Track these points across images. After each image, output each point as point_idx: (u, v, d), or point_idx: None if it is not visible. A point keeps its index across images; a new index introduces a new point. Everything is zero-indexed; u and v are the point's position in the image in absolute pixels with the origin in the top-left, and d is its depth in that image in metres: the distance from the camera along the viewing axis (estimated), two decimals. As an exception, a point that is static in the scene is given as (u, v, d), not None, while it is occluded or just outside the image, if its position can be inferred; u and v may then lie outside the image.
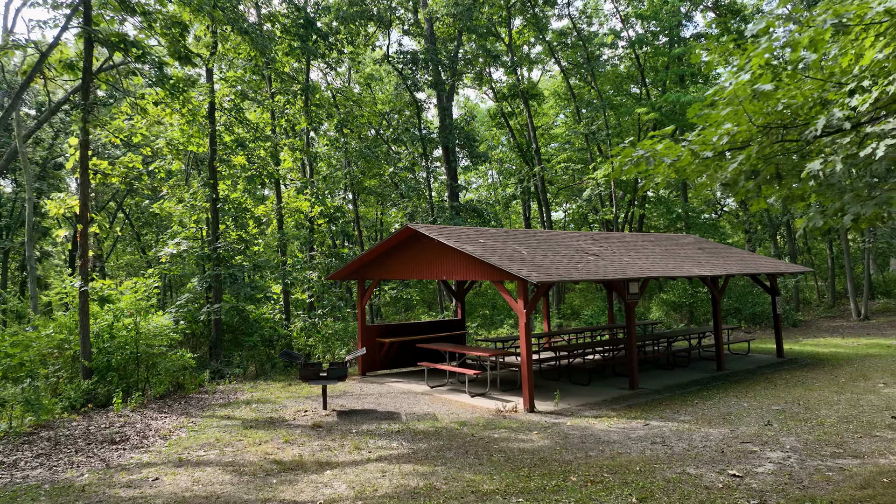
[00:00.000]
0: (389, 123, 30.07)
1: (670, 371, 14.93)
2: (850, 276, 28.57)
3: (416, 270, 13.93)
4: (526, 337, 11.00)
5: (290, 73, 21.97)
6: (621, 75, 33.09)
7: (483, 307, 29.78)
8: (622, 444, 8.43)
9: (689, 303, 28.41)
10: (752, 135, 5.81)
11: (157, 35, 13.24)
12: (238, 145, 17.44)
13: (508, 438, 8.94)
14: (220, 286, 17.30)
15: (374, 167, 25.93)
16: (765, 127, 5.75)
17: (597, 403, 11.51)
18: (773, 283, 16.63)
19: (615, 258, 13.69)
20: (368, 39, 28.66)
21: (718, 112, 5.56)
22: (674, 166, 6.74)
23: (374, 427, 9.98)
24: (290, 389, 13.98)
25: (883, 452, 7.62)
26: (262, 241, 21.19)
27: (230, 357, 17.12)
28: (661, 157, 6.72)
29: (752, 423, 9.47)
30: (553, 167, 34.84)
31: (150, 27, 12.65)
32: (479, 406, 11.53)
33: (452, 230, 13.61)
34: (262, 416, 11.09)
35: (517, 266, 11.03)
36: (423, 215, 26.35)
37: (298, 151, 20.70)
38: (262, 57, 18.59)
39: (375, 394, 13.10)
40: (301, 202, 20.31)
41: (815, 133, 5.17)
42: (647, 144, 6.52)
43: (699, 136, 5.98)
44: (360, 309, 15.71)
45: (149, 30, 12.74)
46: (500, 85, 34.46)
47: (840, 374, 13.90)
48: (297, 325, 18.91)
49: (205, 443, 9.23)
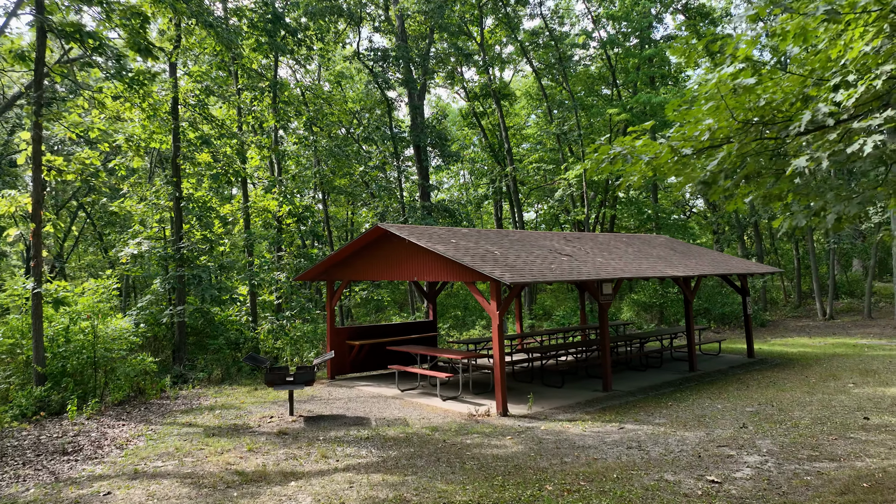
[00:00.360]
0: (360, 122, 29.64)
1: (643, 372, 14.84)
2: (816, 277, 29.01)
3: (386, 271, 13.61)
4: (499, 339, 10.75)
5: (259, 71, 21.44)
6: (593, 76, 33.17)
7: (455, 308, 29.54)
8: (598, 449, 8.22)
9: (659, 303, 28.55)
10: (732, 131, 5.63)
11: (117, 27, 12.70)
12: (203, 142, 16.90)
13: (481, 444, 8.68)
14: (184, 287, 16.74)
15: (345, 166, 25.48)
16: (745, 123, 5.58)
17: (570, 406, 11.32)
18: (744, 283, 16.68)
19: (588, 259, 13.53)
20: (339, 37, 28.21)
21: (700, 107, 5.37)
22: (651, 164, 6.55)
23: (342, 433, 9.63)
24: (257, 394, 13.53)
25: (859, 455, 7.54)
26: (228, 241, 20.63)
27: (194, 361, 16.58)
28: (638, 154, 6.53)
29: (727, 425, 9.36)
30: (525, 167, 34.78)
31: (109, 17, 12.10)
32: (452, 410, 11.25)
33: (424, 230, 13.32)
34: (225, 423, 10.66)
35: (490, 267, 10.78)
36: (394, 215, 26.00)
37: (266, 149, 20.19)
38: (228, 52, 18.06)
39: (344, 398, 12.74)
40: (269, 201, 19.81)
41: (799, 129, 5.01)
42: (625, 141, 6.31)
43: (679, 132, 5.79)
44: (329, 311, 15.32)
45: (107, 20, 12.18)
46: (472, 84, 34.28)
47: (810, 374, 13.95)
48: (264, 327, 18.42)
49: (163, 452, 8.78)
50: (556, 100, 32.78)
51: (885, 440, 8.19)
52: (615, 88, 31.51)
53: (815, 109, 4.62)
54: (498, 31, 31.45)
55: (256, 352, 18.04)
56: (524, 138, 38.05)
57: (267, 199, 19.94)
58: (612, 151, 6.68)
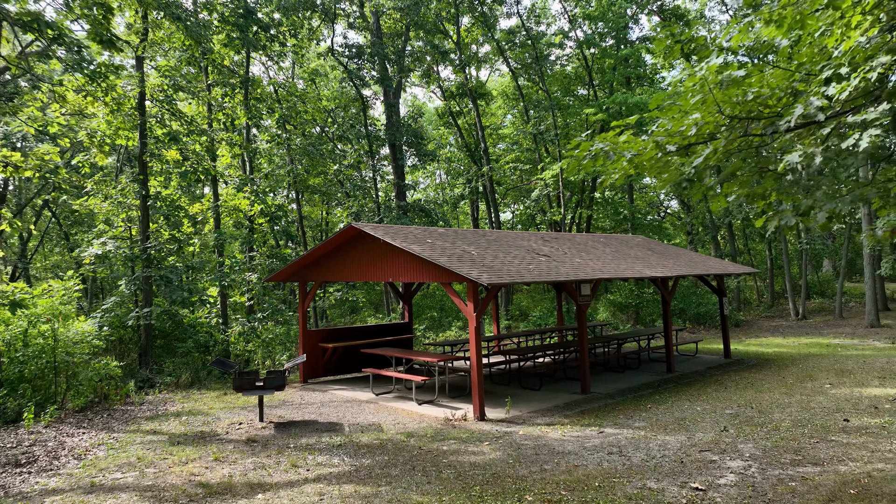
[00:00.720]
0: (335, 120, 29.18)
1: (621, 374, 14.69)
2: (789, 277, 29.29)
3: (360, 272, 13.26)
4: (476, 342, 10.48)
5: (231, 67, 20.91)
6: (569, 76, 33.11)
7: (431, 309, 29.24)
8: (578, 454, 7.99)
9: (635, 303, 28.56)
10: (718, 127, 5.43)
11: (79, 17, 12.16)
12: (171, 139, 16.37)
13: (458, 451, 8.39)
14: (151, 289, 16.20)
15: (319, 165, 25.02)
16: (731, 119, 5.38)
17: (549, 410, 11.09)
18: (721, 283, 16.64)
19: (567, 259, 13.33)
20: (313, 33, 27.69)
21: (687, 100, 5.14)
22: (633, 161, 6.33)
23: (313, 441, 9.27)
24: (226, 399, 13.09)
25: (842, 459, 7.41)
26: (197, 241, 20.07)
27: (161, 364, 16.05)
28: (620, 150, 6.30)
29: (708, 428, 9.20)
30: (501, 167, 34.61)
31: (69, 7, 11.56)
32: (427, 414, 10.95)
33: (399, 229, 13.00)
34: (191, 430, 10.22)
35: (467, 267, 10.50)
36: (369, 215, 25.62)
37: (237, 147, 19.68)
38: (198, 47, 17.54)
39: (317, 403, 12.36)
40: (240, 200, 19.31)
41: (790, 125, 4.81)
42: (608, 137, 6.08)
43: (664, 127, 5.57)
44: (302, 313, 14.92)
45: (67, 9, 11.65)
46: (449, 84, 34.01)
47: (787, 374, 13.92)
48: (235, 329, 17.93)
49: (124, 463, 8.34)
50: (533, 100, 32.68)
51: (866, 443, 8.09)
52: (591, 89, 31.49)
53: (808, 103, 4.42)
54: (474, 30, 31.22)
55: (227, 355, 17.55)
56: (500, 138, 37.90)
57: (238, 198, 19.44)
58: (593, 148, 6.46)
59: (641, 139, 6.27)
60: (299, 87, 27.89)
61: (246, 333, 17.79)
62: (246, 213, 19.76)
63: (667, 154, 5.77)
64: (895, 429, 8.76)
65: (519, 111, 35.98)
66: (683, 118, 5.49)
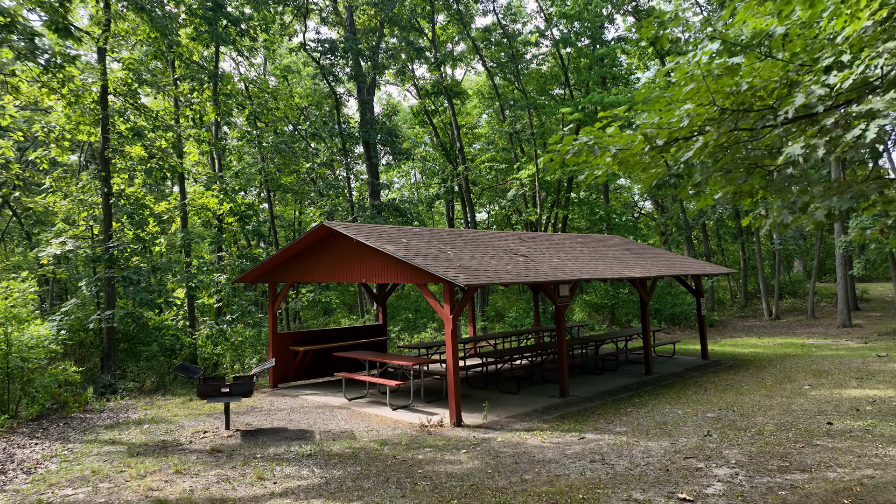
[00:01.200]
0: (307, 118, 28.59)
1: (599, 376, 14.45)
2: (762, 277, 29.46)
3: (333, 273, 12.80)
4: (452, 345, 10.12)
5: (200, 63, 20.26)
6: (545, 76, 32.95)
7: (406, 310, 28.81)
8: (559, 463, 7.66)
9: (610, 304, 28.46)
10: (710, 119, 5.14)
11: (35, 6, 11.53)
12: (135, 134, 15.72)
13: (434, 460, 8.01)
14: (114, 290, 15.53)
15: (291, 163, 24.43)
16: (723, 111, 5.09)
17: (527, 414, 10.77)
18: (699, 284, 16.52)
19: (545, 259, 13.04)
20: (285, 29, 27.08)
21: (680, 90, 4.83)
22: (618, 157, 6.03)
23: (282, 450, 8.81)
24: (191, 406, 12.53)
25: (829, 465, 7.19)
26: (164, 240, 19.38)
27: (125, 369, 15.41)
28: (606, 145, 5.99)
29: (691, 433, 8.96)
30: (477, 167, 34.31)
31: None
32: (402, 420, 10.56)
33: (372, 229, 12.58)
34: (153, 440, 9.69)
35: (443, 268, 10.13)
36: (342, 214, 25.11)
37: (205, 143, 19.05)
38: (164, 39, 16.91)
39: (287, 409, 11.88)
40: (208, 199, 18.68)
41: (787, 116, 4.54)
42: (593, 130, 5.76)
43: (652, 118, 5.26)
44: (272, 315, 14.40)
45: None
46: (424, 82, 33.64)
47: (765, 376, 13.81)
48: (202, 332, 17.31)
49: (77, 477, 7.80)
50: (509, 99, 32.46)
51: (851, 447, 7.90)
52: (567, 88, 31.35)
53: (809, 91, 4.14)
54: (450, 28, 30.88)
55: (194, 358, 16.94)
56: (476, 137, 37.62)
57: (206, 197, 18.81)
58: (576, 142, 6.13)
59: (627, 133, 5.97)
60: (271, 84, 27.27)
61: (214, 336, 17.19)
62: (215, 211, 19.14)
63: (655, 148, 5.47)
64: (879, 432, 8.60)
65: (495, 111, 35.74)
66: (672, 111, 5.19)
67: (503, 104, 31.57)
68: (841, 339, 20.90)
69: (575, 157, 6.22)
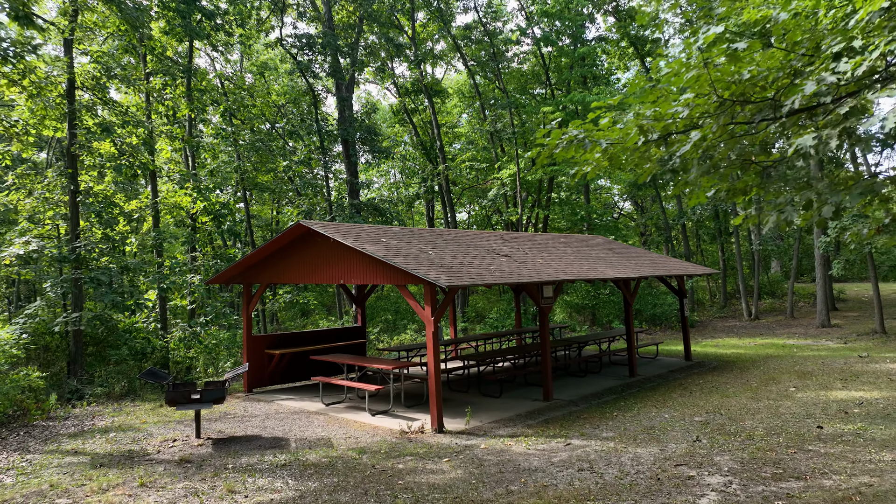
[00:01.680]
0: (285, 115, 28.03)
1: (583, 378, 14.19)
2: (742, 278, 29.52)
3: (310, 273, 12.37)
4: (434, 348, 9.76)
5: (173, 58, 19.68)
6: (526, 75, 32.73)
7: (385, 312, 28.38)
8: (546, 472, 7.34)
9: (591, 304, 28.30)
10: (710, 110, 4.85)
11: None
12: (103, 130, 15.13)
13: (415, 469, 7.65)
14: (81, 292, 14.93)
15: (268, 161, 23.87)
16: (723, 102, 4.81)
17: (511, 419, 10.45)
18: (682, 284, 16.36)
19: (528, 259, 12.74)
20: (261, 24, 26.51)
21: (680, 77, 4.53)
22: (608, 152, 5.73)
23: (255, 460, 8.39)
24: (161, 412, 12.02)
25: (824, 472, 6.97)
26: (134, 240, 18.76)
27: (92, 374, 14.81)
28: (597, 139, 5.69)
29: (680, 438, 8.70)
30: (458, 167, 33.99)
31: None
32: (382, 427, 10.18)
33: (351, 228, 12.18)
34: (118, 450, 9.20)
35: (424, 268, 9.77)
36: (321, 214, 24.61)
37: (178, 140, 18.47)
38: (134, 32, 16.33)
39: (262, 415, 11.43)
40: (181, 197, 18.10)
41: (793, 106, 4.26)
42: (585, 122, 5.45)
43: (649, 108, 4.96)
44: (246, 317, 13.92)
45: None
46: (403, 80, 33.23)
47: (750, 377, 13.65)
48: (175, 335, 16.75)
49: (33, 492, 7.31)
50: (490, 98, 32.19)
51: (844, 452, 7.69)
52: (549, 88, 31.17)
53: (820, 79, 3.85)
54: (430, 25, 30.53)
55: (166, 362, 16.38)
56: (456, 137, 37.30)
57: (179, 195, 18.23)
58: (565, 136, 5.82)
59: (618, 127, 5.68)
60: (248, 81, 26.67)
61: (187, 339, 16.65)
62: (188, 210, 18.57)
63: (650, 142, 5.17)
64: (870, 436, 8.42)
65: (475, 110, 35.44)
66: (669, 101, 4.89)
67: (484, 103, 31.29)
68: (821, 340, 20.92)
69: (564, 151, 5.91)
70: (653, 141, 5.07)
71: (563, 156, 5.94)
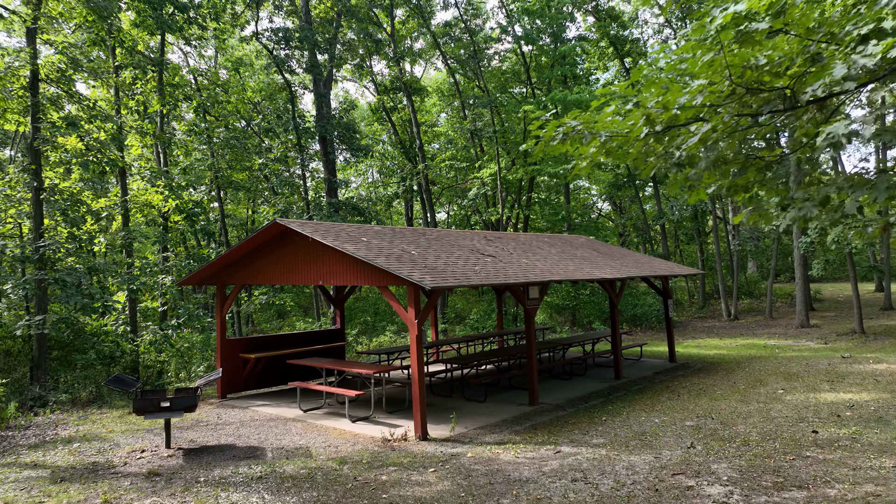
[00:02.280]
0: (260, 112, 27.37)
1: (568, 381, 13.88)
2: (721, 278, 29.53)
3: (287, 274, 11.88)
4: (417, 353, 9.35)
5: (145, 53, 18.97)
6: (506, 73, 32.46)
7: (364, 313, 27.87)
8: (538, 483, 6.98)
9: (572, 305, 28.07)
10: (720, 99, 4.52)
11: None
12: (69, 124, 14.46)
13: (400, 482, 7.23)
14: (45, 293, 14.24)
15: (243, 159, 23.22)
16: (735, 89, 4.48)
17: (497, 425, 10.08)
18: (666, 285, 16.15)
19: (513, 260, 12.39)
20: (236, 19, 25.84)
21: (695, 60, 4.18)
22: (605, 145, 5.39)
23: (229, 472, 7.90)
24: (129, 420, 11.44)
25: (826, 480, 6.70)
26: (103, 239, 18.04)
27: (57, 379, 14.13)
28: (596, 130, 5.34)
29: (673, 444, 8.40)
30: (437, 166, 33.59)
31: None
32: (363, 434, 9.73)
33: (330, 227, 11.71)
34: (82, 462, 8.64)
35: (408, 269, 9.36)
36: (298, 213, 24.03)
37: (149, 136, 17.79)
38: (102, 23, 15.67)
39: (236, 422, 10.91)
40: (152, 195, 17.44)
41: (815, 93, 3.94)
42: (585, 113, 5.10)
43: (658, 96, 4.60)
44: (220, 320, 13.36)
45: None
46: (382, 78, 32.75)
47: (736, 379, 13.46)
48: (145, 338, 16.11)
49: (-14, 511, 6.76)
50: (470, 97, 31.85)
51: (843, 459, 7.45)
52: (529, 87, 30.91)
53: (851, 62, 3.53)
54: (409, 22, 30.10)
55: (136, 366, 15.74)
56: (435, 136, 36.90)
57: (150, 193, 17.57)
58: (562, 128, 5.46)
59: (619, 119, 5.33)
60: (222, 77, 25.99)
61: (158, 342, 16.02)
62: (159, 209, 17.91)
63: (655, 134, 4.83)
64: (867, 441, 8.20)
65: (454, 109, 35.07)
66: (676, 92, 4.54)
67: (464, 102, 30.93)
68: (801, 340, 20.92)
69: (560, 144, 5.56)
70: (659, 132, 4.74)
71: (558, 149, 5.59)
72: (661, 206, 33.71)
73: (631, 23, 36.81)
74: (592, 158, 5.61)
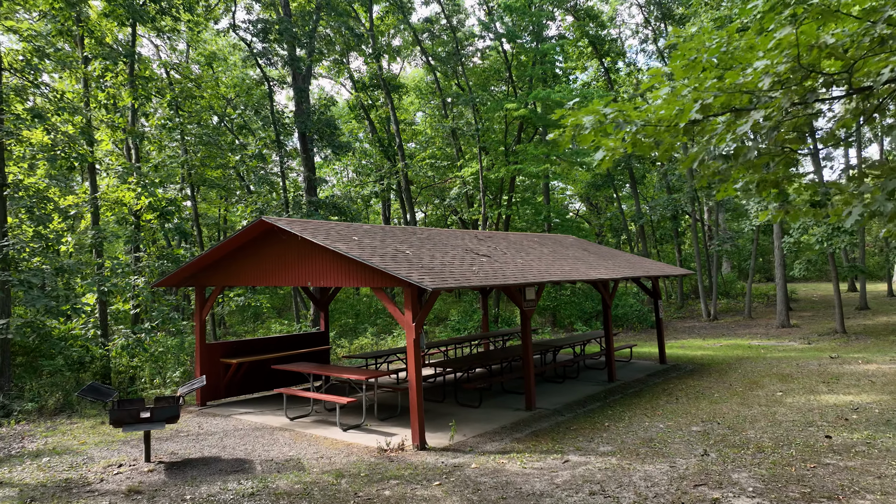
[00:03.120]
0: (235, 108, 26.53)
1: (561, 384, 13.52)
2: (701, 278, 29.57)
3: (272, 275, 11.28)
4: (415, 356, 8.87)
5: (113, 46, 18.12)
6: (487, 71, 32.10)
7: (344, 315, 27.23)
8: (553, 497, 6.55)
9: (552, 306, 27.82)
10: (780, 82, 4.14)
11: None
12: (34, 117, 13.64)
13: (404, 497, 6.74)
14: (9, 296, 13.40)
15: (218, 156, 22.42)
16: (796, 71, 4.11)
17: (496, 432, 9.64)
18: (656, 285, 15.93)
19: (508, 260, 11.98)
20: (210, 11, 24.96)
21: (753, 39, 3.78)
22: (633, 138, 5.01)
23: (217, 488, 7.31)
24: (103, 430, 10.73)
25: (855, 490, 6.40)
26: (71, 239, 17.15)
27: (22, 387, 13.31)
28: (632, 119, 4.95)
29: (685, 452, 8.05)
30: (416, 165, 33.08)
31: None
32: (356, 444, 9.21)
33: (319, 225, 11.15)
34: (53, 478, 7.96)
35: (405, 269, 8.87)
36: (275, 211, 23.31)
37: (120, 130, 16.97)
38: (70, 10, 14.87)
39: (219, 432, 10.29)
40: (124, 192, 16.63)
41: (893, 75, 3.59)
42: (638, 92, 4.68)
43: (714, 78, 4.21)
44: (199, 323, 12.68)
45: None
46: (361, 75, 32.12)
47: (731, 381, 13.24)
48: (117, 342, 15.31)
49: (-52, 538, 6.09)
50: (449, 94, 31.41)
51: (865, 466, 7.18)
52: (510, 85, 30.59)
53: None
54: (388, 18, 29.54)
55: (107, 372, 14.96)
56: (414, 134, 36.38)
57: (121, 190, 16.75)
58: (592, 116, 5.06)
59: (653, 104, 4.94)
60: (195, 72, 25.10)
61: (130, 347, 15.23)
62: (131, 207, 17.09)
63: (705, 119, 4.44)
64: (883, 446, 7.96)
65: (433, 108, 34.60)
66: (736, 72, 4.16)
67: (444, 100, 30.46)
68: (784, 340, 20.93)
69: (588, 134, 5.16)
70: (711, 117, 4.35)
71: (588, 139, 5.18)
72: (640, 206, 33.70)
73: (609, 22, 36.83)
74: (613, 151, 5.22)
